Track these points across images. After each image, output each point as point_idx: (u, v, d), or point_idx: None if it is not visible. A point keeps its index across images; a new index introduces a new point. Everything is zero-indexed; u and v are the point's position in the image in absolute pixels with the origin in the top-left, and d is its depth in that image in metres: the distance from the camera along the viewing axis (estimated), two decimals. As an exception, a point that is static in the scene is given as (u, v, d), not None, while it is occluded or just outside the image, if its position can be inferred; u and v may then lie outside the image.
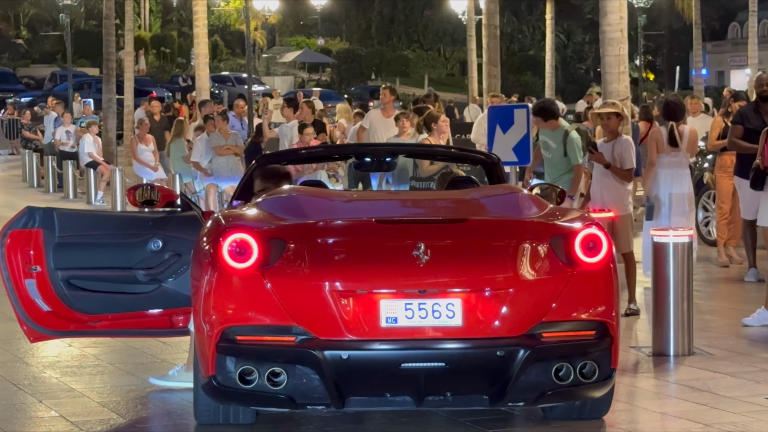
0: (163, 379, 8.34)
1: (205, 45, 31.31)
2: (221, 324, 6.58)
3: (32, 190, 30.55)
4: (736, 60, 72.10)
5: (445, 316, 6.50)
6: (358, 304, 6.48)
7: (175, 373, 8.34)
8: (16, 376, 8.83)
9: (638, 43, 51.31)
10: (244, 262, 6.57)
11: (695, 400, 7.87)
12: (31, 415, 7.67)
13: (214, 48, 68.27)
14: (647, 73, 72.37)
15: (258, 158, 8.79)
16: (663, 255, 9.45)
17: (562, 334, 6.65)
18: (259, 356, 6.53)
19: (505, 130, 14.41)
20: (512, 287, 6.57)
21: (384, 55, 78.03)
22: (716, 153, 15.38)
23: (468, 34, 44.09)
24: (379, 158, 8.87)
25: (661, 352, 9.37)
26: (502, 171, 8.72)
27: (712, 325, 10.68)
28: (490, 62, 25.76)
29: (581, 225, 6.87)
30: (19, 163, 35.68)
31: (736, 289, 13.05)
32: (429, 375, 6.49)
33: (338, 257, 6.61)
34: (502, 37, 29.30)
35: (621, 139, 11.25)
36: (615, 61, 16.33)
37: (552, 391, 6.65)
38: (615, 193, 11.15)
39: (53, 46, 78.59)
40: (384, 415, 7.39)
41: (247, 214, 7.19)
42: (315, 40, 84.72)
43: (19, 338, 10.30)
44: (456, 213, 7.14)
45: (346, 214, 7.05)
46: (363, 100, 43.47)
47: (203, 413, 7.13)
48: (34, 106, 45.50)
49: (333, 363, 6.41)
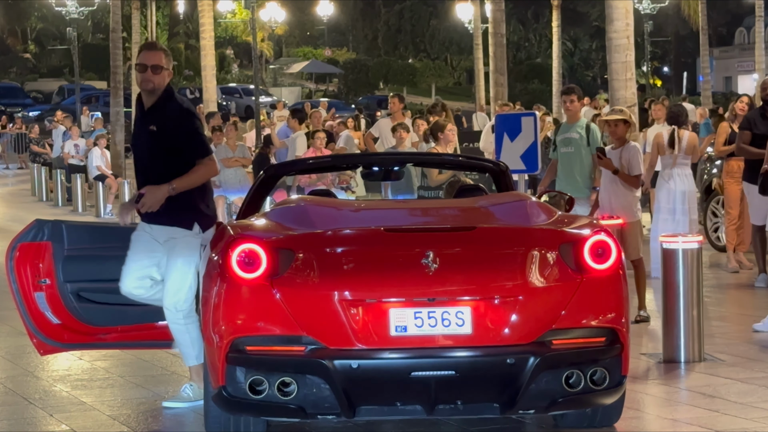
0: (176, 401, 8.24)
1: (212, 57, 31.39)
2: (231, 335, 6.57)
3: (41, 204, 30.59)
4: (744, 65, 72.09)
5: (454, 324, 6.49)
6: (367, 313, 6.47)
7: (188, 390, 8.23)
8: (26, 390, 8.83)
9: (645, 50, 51.32)
10: (253, 273, 6.57)
11: (706, 407, 7.85)
12: (41, 429, 7.67)
13: (221, 60, 68.32)
14: (654, 79, 72.37)
15: (266, 169, 8.79)
16: (672, 261, 9.43)
17: (572, 341, 6.64)
18: (269, 366, 6.52)
19: (513, 138, 14.41)
20: (522, 295, 6.56)
21: (391, 65, 78.14)
22: (723, 159, 15.38)
23: (474, 43, 44.19)
24: (387, 167, 8.88)
25: (672, 359, 9.35)
26: (511, 179, 8.71)
27: (723, 331, 10.66)
28: (497, 70, 25.78)
29: (590, 232, 6.86)
30: (28, 177, 35.74)
31: (746, 295, 13.02)
32: (439, 383, 6.47)
33: (347, 266, 6.61)
34: (508, 46, 29.32)
35: (629, 145, 11.24)
36: (622, 68, 16.35)
37: (563, 399, 6.63)
38: (624, 200, 11.14)
39: (61, 60, 78.81)
40: (395, 424, 7.38)
41: (255, 224, 7.19)
42: (322, 50, 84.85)
43: (29, 352, 10.31)
44: (465, 221, 7.13)
45: (354, 224, 7.05)
46: (370, 110, 43.52)
47: (214, 424, 7.12)
48: (42, 120, 45.59)
49: (343, 372, 6.40)
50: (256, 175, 9.86)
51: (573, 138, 12.55)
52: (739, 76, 74.83)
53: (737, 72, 75.61)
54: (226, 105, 55.99)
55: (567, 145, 12.59)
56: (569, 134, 12.62)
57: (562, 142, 12.64)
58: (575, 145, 12.49)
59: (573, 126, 12.66)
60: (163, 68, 7.96)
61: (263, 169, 8.82)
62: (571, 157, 12.52)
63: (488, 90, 30.68)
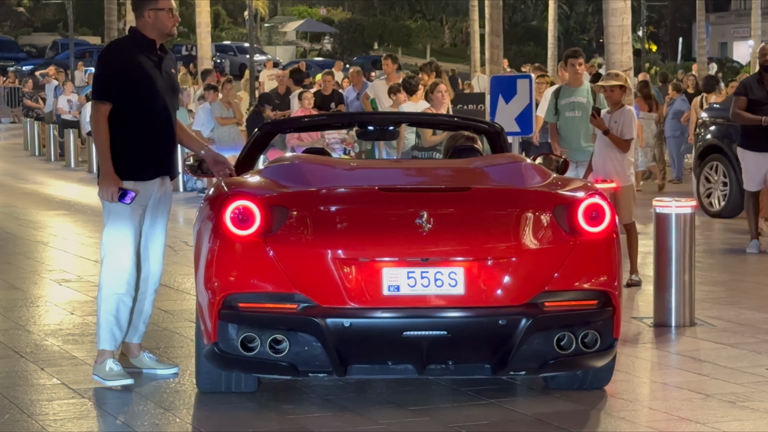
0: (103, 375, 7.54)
1: (207, 14, 31.23)
2: (223, 291, 6.57)
3: (34, 159, 30.57)
4: (739, 31, 71.96)
5: (447, 284, 6.49)
6: (360, 272, 6.47)
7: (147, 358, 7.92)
8: (17, 343, 8.83)
9: (641, 14, 51.16)
10: (247, 229, 6.57)
11: (697, 371, 7.87)
12: (32, 382, 7.67)
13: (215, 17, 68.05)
14: (650, 44, 72.18)
15: (261, 126, 8.77)
16: (665, 226, 9.43)
17: (565, 303, 6.65)
18: (261, 323, 6.53)
19: (508, 100, 14.39)
20: (515, 256, 6.57)
21: (386, 25, 77.85)
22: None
23: (470, 4, 43.98)
24: (382, 127, 8.87)
25: (663, 323, 9.37)
26: (506, 140, 8.71)
27: (714, 297, 10.68)
28: (493, 32, 25.65)
29: (584, 194, 6.86)
30: (21, 131, 35.68)
31: (737, 261, 13.04)
32: (431, 343, 6.49)
33: (341, 225, 6.60)
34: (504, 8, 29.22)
35: (624, 109, 11.21)
36: (618, 32, 16.27)
37: (554, 361, 6.66)
38: (617, 164, 11.12)
39: (55, 15, 78.42)
40: (386, 383, 7.39)
41: (249, 181, 7.18)
42: (317, 9, 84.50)
43: (20, 306, 10.32)
44: (459, 181, 7.13)
45: (349, 182, 7.04)
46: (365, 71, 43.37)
47: (205, 381, 7.13)
48: (34, 74, 45.47)
49: (335, 330, 6.41)
50: (250, 134, 9.84)
51: (580, 102, 12.41)
52: (735, 42, 74.70)
53: (732, 38, 75.46)
54: (220, 63, 55.80)
55: (573, 109, 12.44)
56: (575, 98, 12.49)
57: (567, 106, 12.50)
58: (582, 110, 12.34)
59: (578, 90, 12.52)
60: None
61: (258, 127, 8.80)
62: (577, 121, 12.38)
63: (483, 52, 30.59)
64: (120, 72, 7.45)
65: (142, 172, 7.56)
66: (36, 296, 10.95)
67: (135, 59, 7.50)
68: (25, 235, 15.58)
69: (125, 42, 7.77)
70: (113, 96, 7.43)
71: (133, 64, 7.48)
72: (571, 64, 12.70)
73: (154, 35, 7.61)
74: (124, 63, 7.48)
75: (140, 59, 7.51)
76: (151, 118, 7.52)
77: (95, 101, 7.52)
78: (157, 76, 7.54)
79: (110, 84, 7.46)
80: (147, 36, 7.60)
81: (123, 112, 7.45)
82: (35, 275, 12.25)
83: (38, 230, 16.12)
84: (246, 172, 7.84)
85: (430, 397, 7.18)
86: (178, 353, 8.41)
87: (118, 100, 7.43)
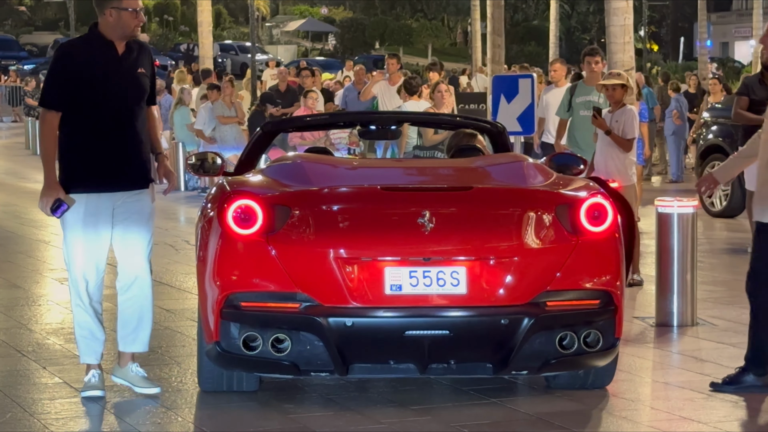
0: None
1: (209, 13, 31.22)
2: (225, 290, 6.57)
3: (35, 158, 30.52)
4: (741, 31, 71.88)
5: (449, 284, 6.49)
6: (362, 272, 6.47)
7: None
8: (19, 342, 8.83)
9: (643, 14, 51.14)
10: (249, 229, 6.57)
11: (698, 371, 7.87)
12: (34, 381, 7.67)
13: (217, 16, 68.04)
14: (651, 44, 72.17)
15: (263, 125, 8.77)
16: (667, 225, 9.44)
17: (567, 302, 6.65)
18: (263, 323, 6.53)
19: (510, 100, 14.39)
20: (517, 256, 6.57)
21: (388, 25, 77.85)
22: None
23: (472, 3, 43.96)
24: (384, 126, 8.87)
25: (665, 323, 9.37)
26: (508, 140, 8.70)
27: (716, 296, 10.68)
28: (495, 32, 25.60)
29: (587, 194, 6.86)
30: (22, 130, 35.67)
31: (739, 260, 13.02)
32: (433, 342, 6.49)
33: (343, 224, 6.60)
34: (506, 7, 29.17)
35: (625, 108, 11.20)
36: (620, 31, 16.21)
37: (556, 360, 6.66)
38: (619, 164, 11.11)
39: (56, 13, 78.44)
40: (388, 383, 7.39)
41: (251, 180, 7.18)
42: (318, 8, 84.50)
43: (22, 305, 10.33)
44: (461, 181, 7.12)
45: (351, 182, 7.04)
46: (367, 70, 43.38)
47: (207, 380, 7.13)
48: (37, 74, 45.48)
49: (337, 330, 6.41)
50: (252, 133, 9.84)
51: (594, 102, 12.36)
52: (736, 42, 74.64)
53: (734, 38, 75.40)
54: (221, 62, 55.82)
55: (588, 108, 12.38)
56: (591, 97, 12.45)
57: (583, 105, 12.46)
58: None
59: (594, 89, 12.45)
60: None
61: (260, 126, 8.79)
62: (589, 121, 12.33)
63: (485, 51, 30.58)
64: (69, 79, 6.97)
65: (90, 183, 7.05)
66: (37, 295, 10.95)
67: (87, 63, 7.00)
68: (27, 234, 15.59)
69: (78, 43, 7.27)
70: (61, 104, 6.98)
71: (84, 68, 6.98)
72: (587, 62, 12.67)
73: (114, 36, 7.05)
74: (74, 67, 6.98)
75: (93, 62, 7.00)
76: (100, 126, 7.01)
77: (42, 108, 7.09)
78: (113, 80, 7.01)
79: (58, 91, 7.00)
80: (105, 36, 7.06)
81: (71, 119, 7.00)
82: (37, 274, 12.25)
83: (39, 229, 16.12)
84: (248, 171, 7.84)
85: (431, 397, 7.18)
86: (179, 352, 8.42)
87: (66, 108, 6.99)
